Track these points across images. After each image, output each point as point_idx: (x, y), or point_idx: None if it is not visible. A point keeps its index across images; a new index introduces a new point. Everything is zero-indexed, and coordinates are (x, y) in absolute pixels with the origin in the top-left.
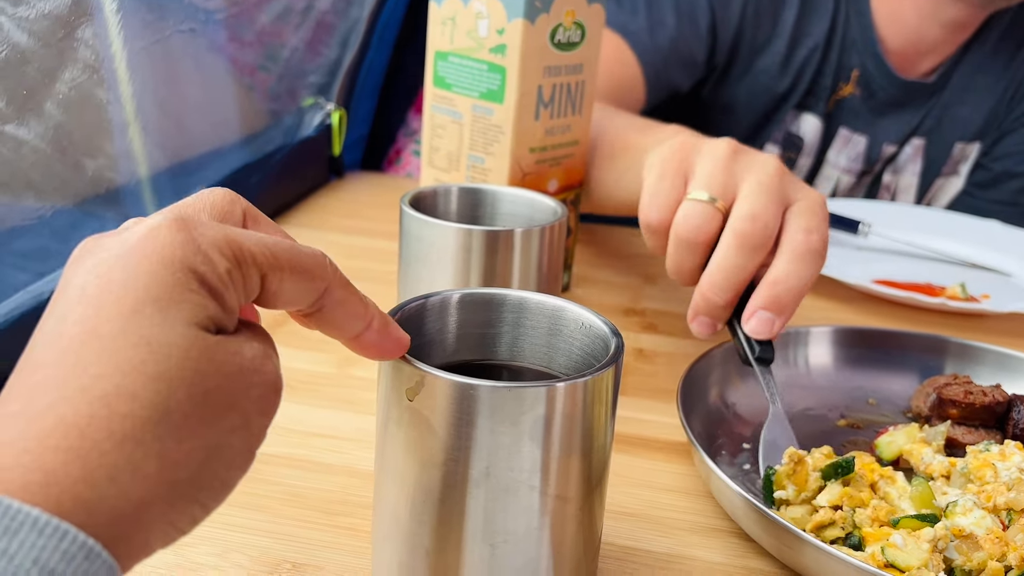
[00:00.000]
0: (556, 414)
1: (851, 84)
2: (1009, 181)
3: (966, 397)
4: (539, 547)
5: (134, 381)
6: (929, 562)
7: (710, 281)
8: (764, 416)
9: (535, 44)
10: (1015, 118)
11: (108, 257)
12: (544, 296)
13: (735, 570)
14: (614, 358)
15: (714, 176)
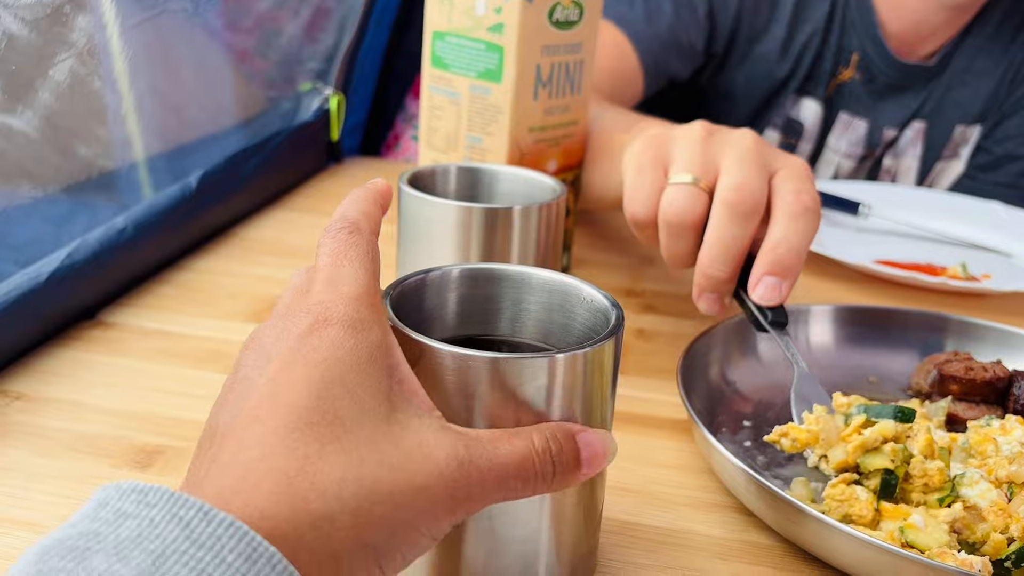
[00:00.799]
0: (556, 386)
1: (851, 68)
2: (1010, 163)
3: (967, 373)
4: (539, 520)
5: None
6: (948, 544)
7: (709, 256)
8: (764, 393)
9: (533, 23)
10: (1015, 100)
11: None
12: (545, 271)
13: (735, 544)
14: (614, 330)
15: (692, 158)
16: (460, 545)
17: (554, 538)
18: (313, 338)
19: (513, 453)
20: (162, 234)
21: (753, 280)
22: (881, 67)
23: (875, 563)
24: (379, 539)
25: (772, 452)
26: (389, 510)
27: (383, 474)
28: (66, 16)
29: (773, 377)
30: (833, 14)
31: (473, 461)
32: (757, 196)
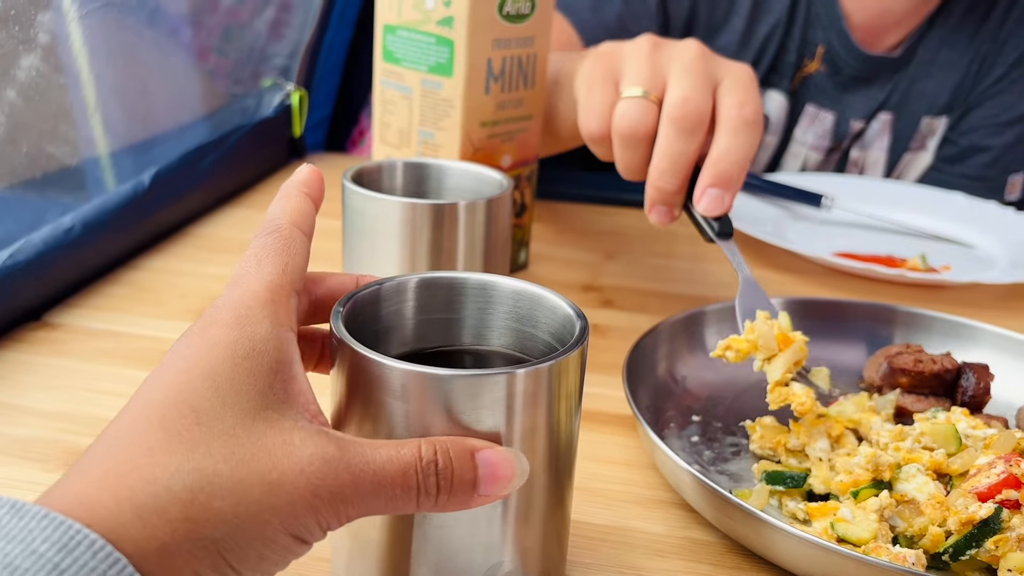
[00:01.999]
0: (517, 401)
1: (816, 60)
2: (977, 155)
3: (916, 365)
4: (503, 537)
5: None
6: (878, 533)
7: (658, 170)
8: (713, 389)
9: (483, 16)
10: (981, 91)
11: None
12: (507, 279)
13: (676, 541)
14: (578, 341)
15: (641, 71)
16: (422, 554)
17: (519, 555)
18: (195, 338)
19: (394, 460)
20: (112, 233)
21: (698, 193)
22: (847, 59)
23: (812, 559)
24: (219, 534)
25: (719, 447)
26: (229, 504)
27: (228, 468)
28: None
29: (722, 372)
30: (796, 6)
31: (345, 460)
32: (701, 110)
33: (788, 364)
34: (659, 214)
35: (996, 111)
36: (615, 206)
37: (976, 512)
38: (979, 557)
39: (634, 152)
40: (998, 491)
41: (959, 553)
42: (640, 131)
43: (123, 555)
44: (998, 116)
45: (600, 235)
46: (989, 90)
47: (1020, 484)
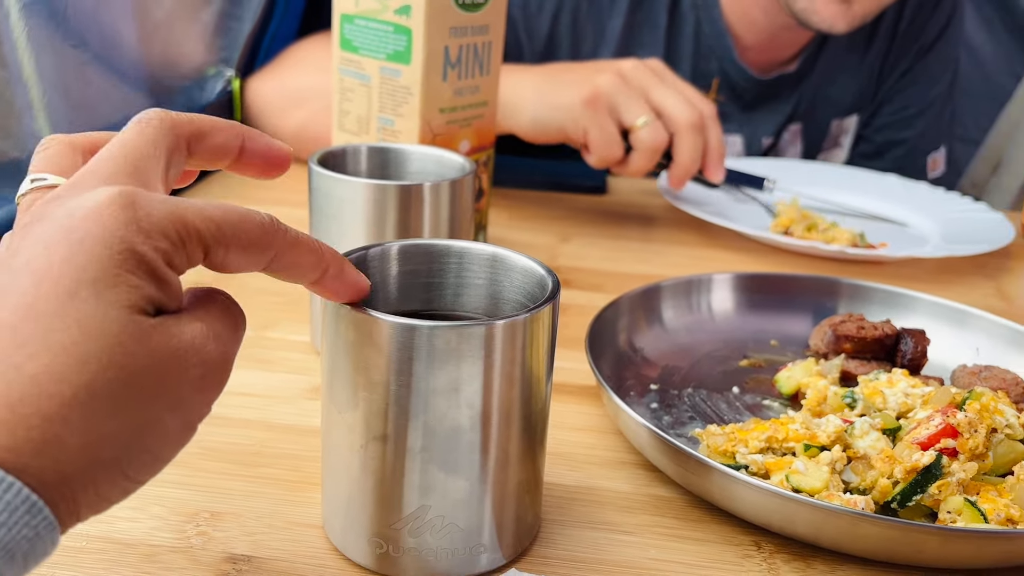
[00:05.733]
0: (496, 353)
1: (713, 91)
2: (893, 149)
3: (859, 332)
4: (482, 488)
5: (64, 363)
6: (830, 483)
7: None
8: (670, 359)
9: (439, 5)
10: (888, 88)
11: (55, 230)
12: (483, 245)
13: (642, 498)
14: (551, 297)
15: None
16: (400, 510)
17: (492, 504)
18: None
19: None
20: None
21: (711, 171)
22: (745, 86)
23: (769, 508)
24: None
25: (676, 413)
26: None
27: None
28: None
29: (678, 342)
30: (673, 43)
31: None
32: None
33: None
34: (683, 183)
35: (905, 104)
36: (569, 192)
37: (919, 460)
38: (924, 502)
39: (653, 159)
40: (937, 440)
41: (906, 500)
42: (662, 146)
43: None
44: (907, 109)
45: (555, 219)
46: (896, 85)
47: (956, 433)
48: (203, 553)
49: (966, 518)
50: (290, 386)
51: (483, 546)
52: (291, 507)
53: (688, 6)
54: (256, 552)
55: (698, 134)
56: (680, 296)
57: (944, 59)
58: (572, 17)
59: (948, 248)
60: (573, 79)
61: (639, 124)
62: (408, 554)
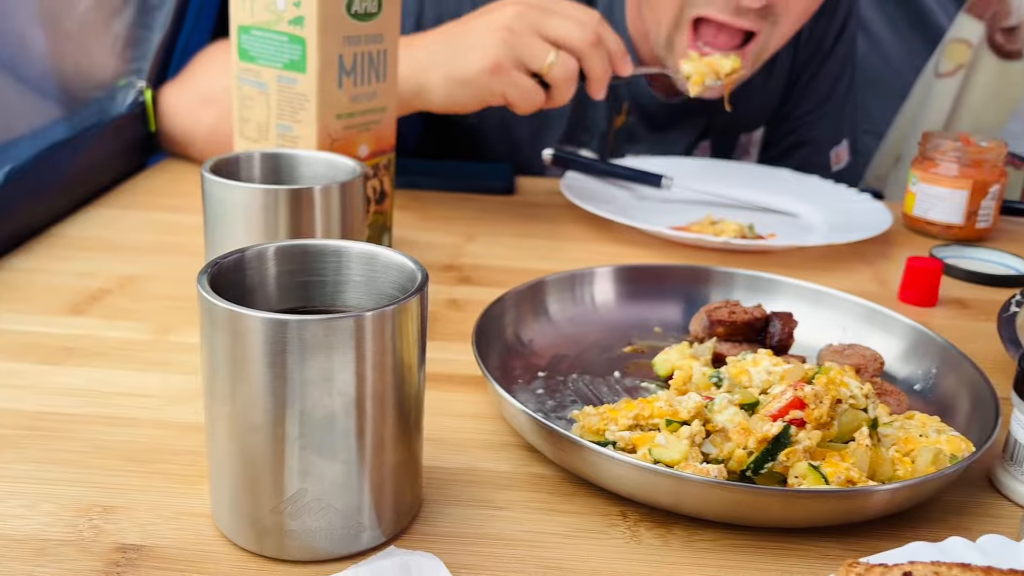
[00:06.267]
0: (366, 344)
1: (623, 115)
2: (799, 149)
3: (730, 317)
4: (358, 470)
5: None
6: (689, 455)
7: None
8: (558, 348)
9: (332, 15)
10: (795, 99)
11: None
12: (359, 244)
13: (520, 476)
14: (418, 290)
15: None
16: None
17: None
18: None
19: None
20: None
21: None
22: (654, 109)
23: (632, 479)
24: None
25: (560, 397)
26: None
27: None
28: None
29: (566, 333)
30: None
31: None
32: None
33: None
34: (604, 91)
35: (809, 108)
36: (477, 193)
37: (769, 431)
38: (775, 469)
39: (572, 86)
40: (786, 412)
41: (759, 467)
42: (575, 73)
43: None
44: (811, 113)
45: (462, 219)
46: (800, 92)
47: (804, 405)
48: (94, 544)
49: (809, 481)
50: (188, 387)
51: (362, 525)
52: (183, 499)
53: None
54: (146, 542)
55: (600, 47)
56: (565, 289)
57: (842, 60)
58: None
59: (832, 236)
60: (469, 47)
61: (548, 65)
62: (290, 536)
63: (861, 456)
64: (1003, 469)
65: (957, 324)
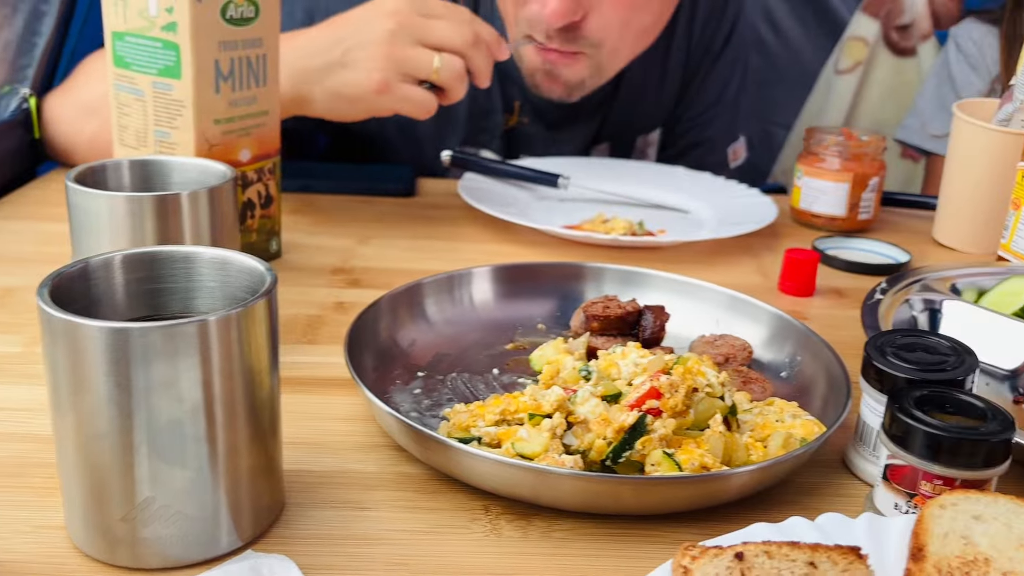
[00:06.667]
0: (211, 348)
1: (515, 115)
2: (694, 150)
3: (604, 311)
4: (211, 476)
5: None
6: (550, 447)
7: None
8: (439, 348)
9: (205, 20)
10: (687, 99)
11: None
12: (210, 249)
13: (388, 475)
14: (265, 292)
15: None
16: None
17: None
18: None
19: None
20: None
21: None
22: (546, 108)
23: (493, 474)
24: None
25: (437, 396)
26: None
27: None
28: None
29: (447, 333)
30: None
31: None
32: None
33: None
34: (488, 80)
35: (702, 109)
36: (377, 196)
37: (625, 421)
38: (633, 458)
39: (464, 83)
40: (644, 402)
41: (617, 456)
42: (463, 71)
43: None
44: (705, 112)
45: (359, 222)
46: (693, 93)
47: (659, 394)
48: None
49: (663, 468)
50: None
51: (219, 530)
52: (40, 512)
53: None
54: (1, 557)
55: (480, 44)
56: (443, 291)
57: (732, 63)
58: None
59: (720, 230)
60: (352, 63)
61: (435, 70)
62: (142, 544)
63: (715, 443)
64: (854, 450)
65: (832, 313)
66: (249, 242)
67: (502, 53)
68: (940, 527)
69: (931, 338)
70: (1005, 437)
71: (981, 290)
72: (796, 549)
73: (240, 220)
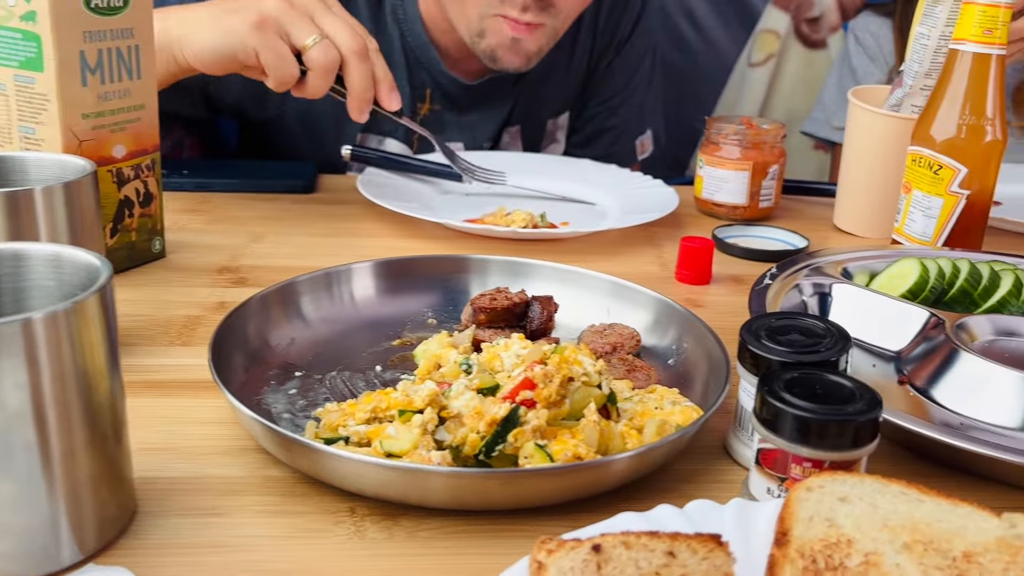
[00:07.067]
0: (38, 348)
1: (427, 102)
2: (602, 136)
3: (491, 303)
4: (43, 487)
5: None
6: (420, 443)
7: (360, 87)
8: (318, 348)
9: (67, 10)
10: (593, 84)
11: None
12: (41, 245)
13: (253, 480)
14: (99, 288)
15: (305, 25)
16: None
17: (66, 503)
18: None
19: None
20: None
21: (384, 99)
22: (456, 93)
23: (357, 474)
24: None
25: (313, 396)
26: None
27: None
28: None
29: (327, 331)
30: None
31: None
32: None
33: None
34: (365, 112)
35: (609, 96)
36: (276, 192)
37: (498, 413)
38: (506, 451)
39: (330, 79)
40: (518, 392)
41: (490, 450)
42: (334, 65)
43: None
44: (611, 100)
45: (254, 219)
46: (600, 79)
47: (534, 385)
48: None
49: (535, 460)
50: None
51: (57, 544)
52: None
53: (391, 21)
54: None
55: (365, 61)
56: (320, 288)
57: (639, 49)
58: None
59: (622, 219)
60: (242, 5)
61: (309, 43)
62: None
63: (590, 432)
64: (733, 435)
65: (727, 300)
66: (129, 242)
67: (389, 100)
68: (805, 510)
69: (806, 320)
70: (872, 416)
71: (872, 273)
72: (655, 539)
73: (118, 219)
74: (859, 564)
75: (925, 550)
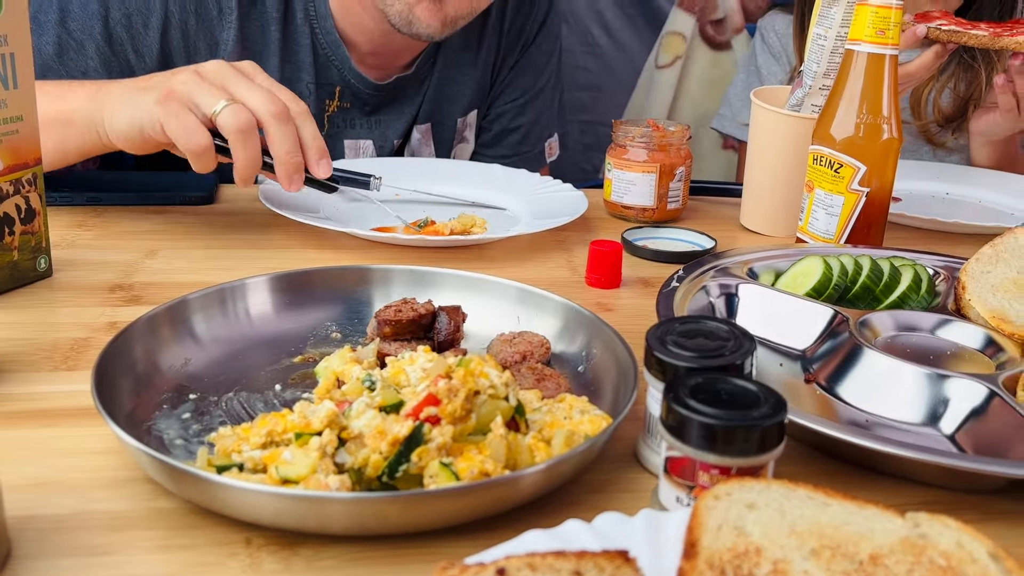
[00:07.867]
0: None
1: (336, 100)
2: (509, 136)
3: (396, 315)
4: None
5: None
6: (319, 467)
7: (285, 151)
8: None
9: None
10: (500, 83)
11: None
12: None
13: (140, 513)
14: None
15: (212, 92)
16: None
17: None
18: None
19: None
20: None
21: (314, 166)
22: (367, 92)
23: (251, 504)
24: None
25: (209, 420)
26: None
27: None
28: None
29: (221, 352)
30: (289, 54)
31: None
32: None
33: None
34: (296, 183)
35: (515, 95)
36: (174, 204)
37: (400, 432)
38: (411, 471)
39: (250, 144)
40: (422, 409)
41: (393, 471)
42: (248, 127)
43: None
44: (518, 99)
45: (149, 233)
46: (506, 78)
47: (438, 401)
48: None
49: (441, 480)
50: None
51: None
52: None
53: (301, 18)
54: None
55: (285, 124)
56: (214, 305)
57: (546, 51)
58: (181, 31)
59: (534, 224)
60: (155, 84)
61: (217, 109)
62: None
63: (497, 447)
64: (643, 443)
65: (638, 303)
66: (11, 261)
67: (318, 167)
68: (714, 519)
69: (710, 324)
70: (777, 420)
71: (778, 272)
72: (561, 559)
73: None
74: (768, 573)
75: (832, 555)
